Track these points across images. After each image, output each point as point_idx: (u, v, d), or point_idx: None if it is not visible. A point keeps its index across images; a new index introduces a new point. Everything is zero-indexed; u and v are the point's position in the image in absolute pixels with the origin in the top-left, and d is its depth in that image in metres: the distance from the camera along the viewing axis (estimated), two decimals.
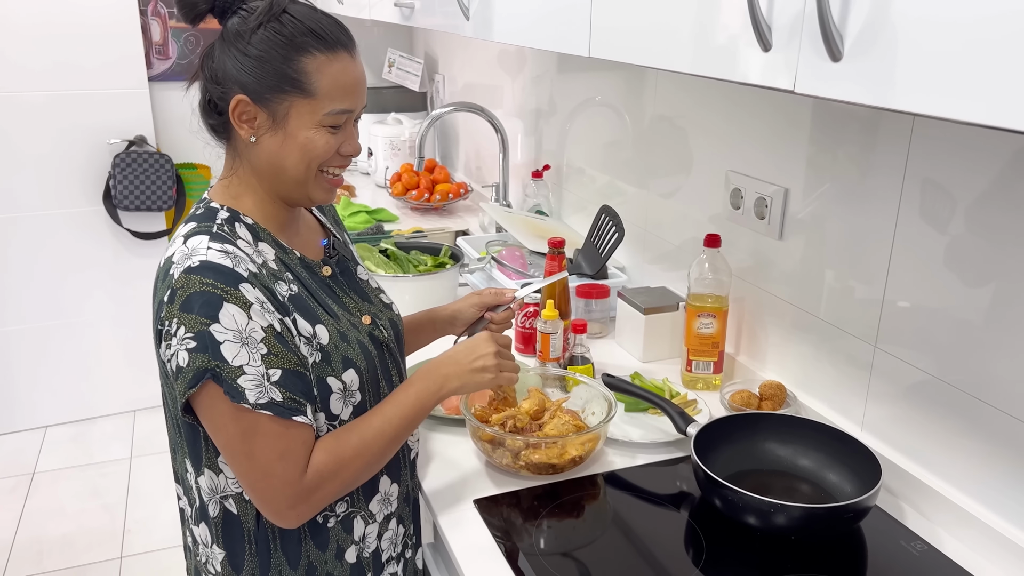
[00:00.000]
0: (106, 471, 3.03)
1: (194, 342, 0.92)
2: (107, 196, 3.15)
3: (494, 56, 2.69)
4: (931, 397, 1.17)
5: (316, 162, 1.02)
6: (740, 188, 1.52)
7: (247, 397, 0.93)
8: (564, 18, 1.27)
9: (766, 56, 0.84)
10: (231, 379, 0.92)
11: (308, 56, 0.97)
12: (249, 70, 0.97)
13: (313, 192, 1.04)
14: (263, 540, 1.04)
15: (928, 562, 1.08)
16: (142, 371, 3.40)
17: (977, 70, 0.63)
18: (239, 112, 0.99)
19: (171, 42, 3.21)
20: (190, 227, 1.01)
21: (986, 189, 1.05)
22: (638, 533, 1.14)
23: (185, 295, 0.93)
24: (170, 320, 0.94)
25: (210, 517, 1.04)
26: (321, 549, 1.07)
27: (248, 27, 0.97)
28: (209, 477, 1.03)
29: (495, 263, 1.93)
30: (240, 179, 1.05)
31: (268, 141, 1.00)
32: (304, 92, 0.98)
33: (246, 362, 0.93)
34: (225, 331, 0.92)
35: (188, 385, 0.93)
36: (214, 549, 1.06)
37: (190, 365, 0.92)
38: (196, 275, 0.93)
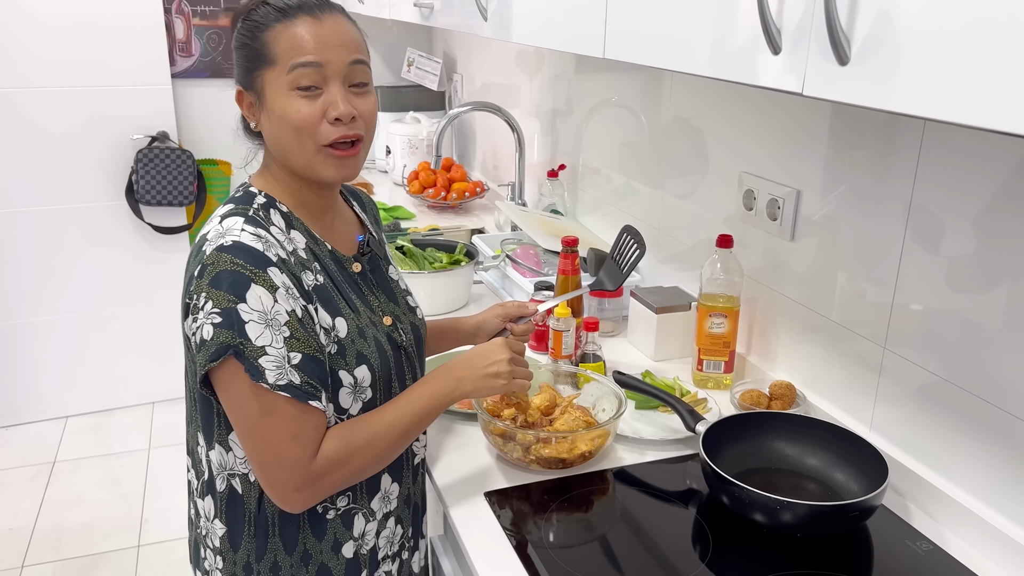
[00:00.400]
0: (125, 461, 3.07)
1: (220, 317, 0.95)
2: (129, 191, 3.20)
3: (512, 56, 2.71)
4: (940, 399, 1.18)
5: (303, 133, 1.01)
6: (753, 189, 1.53)
7: (267, 377, 0.95)
8: (580, 19, 1.29)
9: (776, 59, 0.86)
10: (253, 358, 0.95)
11: (269, 30, 1.01)
12: (236, 62, 1.06)
13: (320, 169, 1.04)
14: (262, 523, 1.06)
15: (933, 562, 1.09)
16: (161, 364, 3.45)
17: (980, 74, 0.64)
18: (243, 104, 1.08)
19: (194, 39, 3.26)
20: (228, 208, 1.05)
21: (995, 193, 1.06)
22: (646, 528, 1.16)
23: (215, 272, 0.96)
24: (198, 294, 0.97)
25: (216, 491, 1.07)
26: (318, 538, 1.09)
27: (235, 26, 1.06)
28: (219, 452, 1.06)
29: (509, 261, 1.95)
30: (272, 168, 1.10)
31: (264, 123, 1.06)
32: (268, 62, 1.01)
33: (268, 343, 0.96)
34: (251, 311, 0.95)
35: (210, 358, 0.95)
36: (215, 524, 1.08)
37: (213, 339, 0.95)
38: (227, 254, 0.96)
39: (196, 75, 3.30)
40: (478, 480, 1.26)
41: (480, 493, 1.22)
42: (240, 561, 1.08)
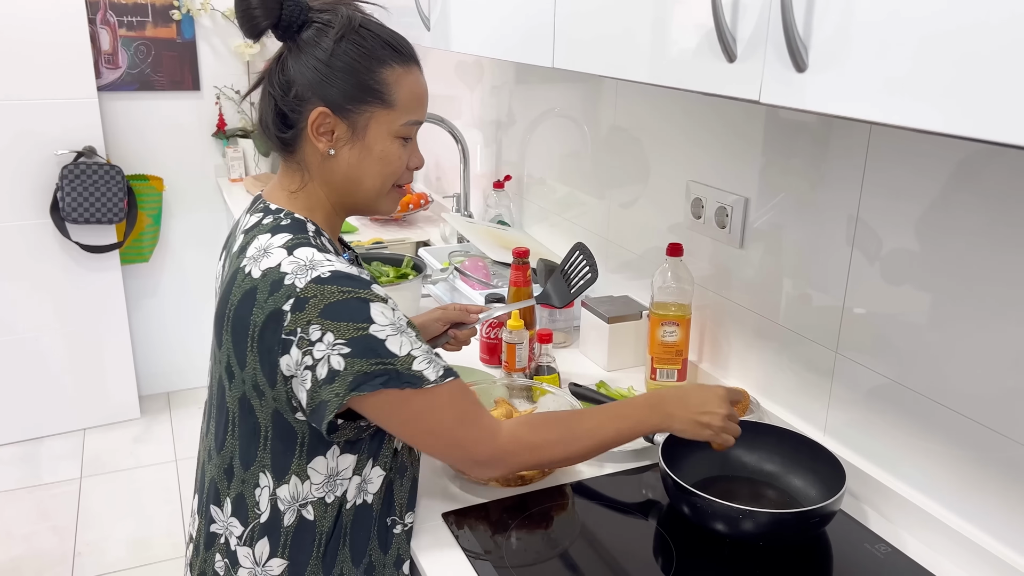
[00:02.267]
0: (55, 492, 2.93)
1: (349, 347, 0.93)
2: (55, 208, 3.06)
3: (452, 67, 2.69)
4: (891, 401, 1.19)
5: (394, 176, 1.06)
6: (701, 198, 1.53)
7: (428, 377, 0.96)
8: (528, 29, 1.27)
9: (731, 67, 0.86)
10: (407, 369, 0.95)
11: (388, 68, 1.00)
12: (332, 82, 0.99)
13: (383, 204, 1.08)
14: (336, 538, 1.05)
15: (892, 564, 1.10)
16: (92, 389, 3.31)
17: (941, 80, 0.65)
18: (317, 124, 1.00)
19: (121, 51, 3.15)
20: (285, 238, 0.99)
21: (934, 198, 1.08)
22: (608, 542, 1.14)
23: (323, 304, 0.93)
24: (304, 328, 0.93)
25: (281, 527, 1.03)
26: (383, 550, 1.08)
27: (328, 39, 0.99)
28: (294, 485, 1.02)
29: (458, 274, 1.93)
30: (310, 193, 1.06)
31: (346, 154, 1.02)
32: (384, 103, 1.01)
33: (411, 348, 0.96)
34: (383, 328, 0.94)
35: (350, 388, 0.94)
36: (271, 564, 1.04)
37: (349, 369, 0.93)
38: (331, 284, 0.94)
39: (124, 88, 3.18)
40: (435, 500, 1.22)
41: (437, 514, 1.19)
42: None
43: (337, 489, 1.03)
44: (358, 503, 1.05)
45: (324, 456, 1.02)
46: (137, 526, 2.74)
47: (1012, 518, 1.04)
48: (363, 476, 1.05)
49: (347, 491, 1.04)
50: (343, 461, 1.03)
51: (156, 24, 3.18)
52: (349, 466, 1.03)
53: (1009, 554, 1.04)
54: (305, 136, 1.02)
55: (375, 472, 1.06)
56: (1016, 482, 1.03)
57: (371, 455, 1.05)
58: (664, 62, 0.97)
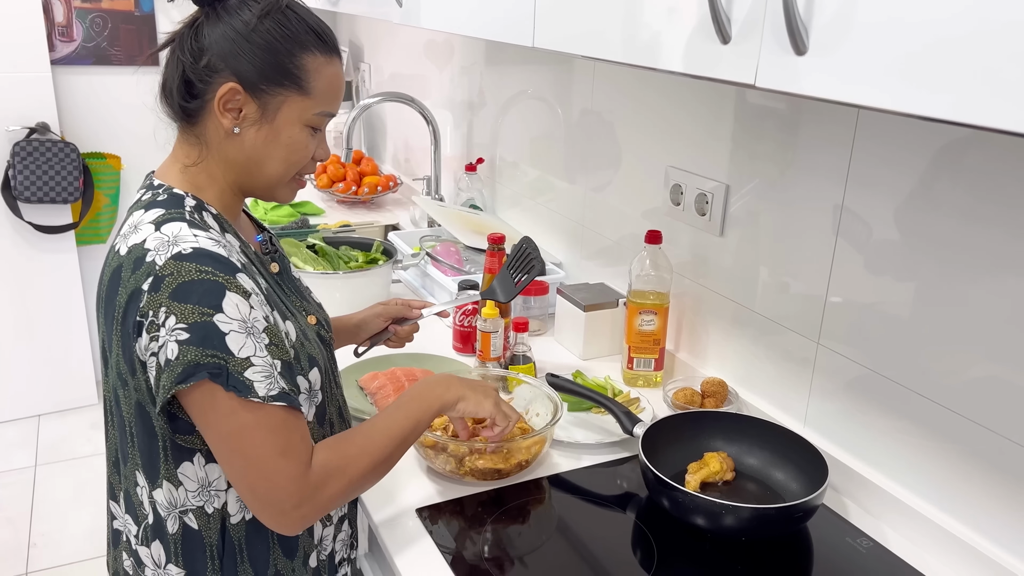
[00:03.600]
0: (8, 481, 2.83)
1: (187, 333, 0.85)
2: (6, 187, 2.94)
3: (421, 45, 2.62)
4: (871, 392, 1.18)
5: (297, 165, 1.00)
6: (680, 184, 1.50)
7: (256, 390, 0.87)
8: (507, 6, 1.22)
9: (725, 48, 0.82)
10: (238, 372, 0.87)
11: (309, 54, 0.96)
12: (249, 57, 0.93)
13: (281, 192, 1.03)
14: (229, 554, 0.98)
15: (874, 558, 1.09)
16: (48, 374, 3.20)
17: (948, 65, 0.62)
18: (225, 100, 0.94)
19: (76, 23, 3.02)
20: (157, 213, 0.93)
21: (915, 188, 1.06)
22: (585, 537, 1.11)
23: (176, 283, 0.86)
24: (155, 310, 0.86)
25: (167, 534, 0.97)
26: (289, 557, 1.02)
27: (252, 13, 0.93)
28: (168, 491, 0.95)
29: (430, 259, 1.88)
30: (204, 169, 0.99)
31: (251, 134, 0.96)
32: (300, 89, 0.96)
33: (252, 353, 0.88)
34: (230, 321, 0.87)
35: (177, 380, 0.86)
36: (170, 569, 0.98)
37: (180, 358, 0.85)
38: (190, 262, 0.87)
39: (79, 62, 3.06)
40: (408, 496, 1.18)
41: (411, 510, 1.15)
42: None
43: (214, 500, 0.96)
44: (247, 517, 0.98)
45: (191, 463, 0.95)
46: (95, 516, 2.66)
47: (992, 511, 1.03)
48: None
49: (226, 504, 0.97)
50: (212, 471, 0.95)
51: None
52: (221, 476, 0.96)
53: (989, 547, 1.03)
54: (209, 109, 0.95)
55: None
56: (996, 473, 1.02)
57: None
58: (652, 43, 0.93)
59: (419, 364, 1.53)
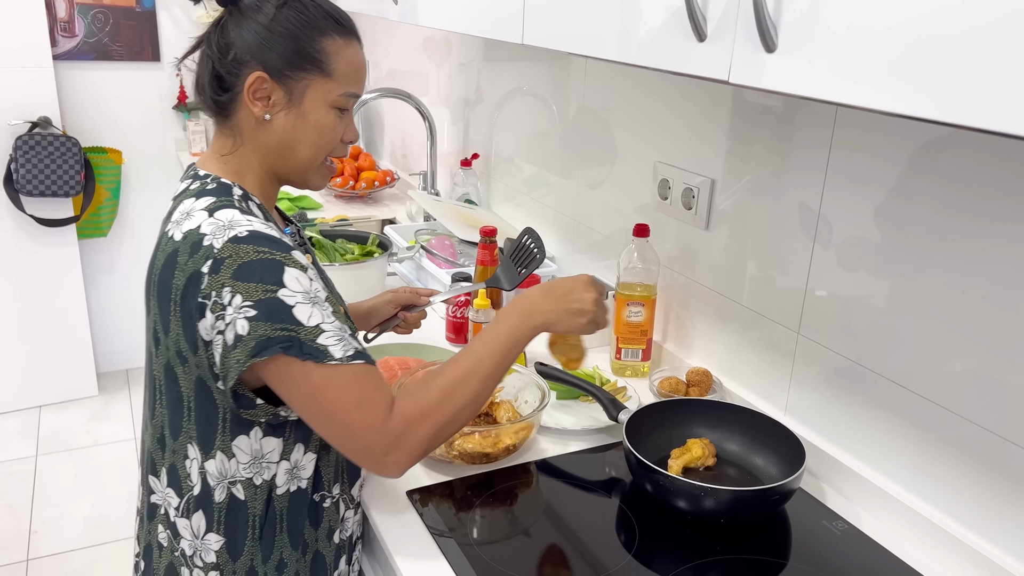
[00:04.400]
0: (10, 470, 2.87)
1: (254, 310, 0.90)
2: (8, 180, 2.98)
3: (419, 43, 2.65)
4: (850, 382, 1.22)
5: (328, 147, 1.05)
6: (668, 179, 1.54)
7: (332, 354, 0.92)
8: (497, 4, 1.26)
9: (701, 46, 0.85)
10: (310, 340, 0.92)
11: (328, 38, 1.01)
12: (272, 46, 0.99)
13: (313, 177, 1.07)
14: (270, 523, 1.03)
15: (849, 540, 1.13)
16: (48, 366, 3.24)
17: (907, 63, 0.65)
18: (254, 89, 1.00)
19: (78, 19, 3.06)
20: (208, 200, 0.99)
21: (893, 184, 1.10)
22: (572, 520, 1.15)
23: (236, 264, 0.91)
24: (217, 290, 0.91)
25: (213, 503, 1.01)
26: (315, 527, 1.07)
27: (271, 5, 0.99)
28: (220, 461, 1.00)
29: (424, 252, 1.91)
30: (240, 158, 1.05)
31: (281, 120, 1.02)
32: (323, 71, 1.01)
33: (321, 320, 0.93)
34: (293, 294, 0.92)
35: (251, 353, 0.91)
36: (209, 538, 1.02)
37: (252, 334, 0.90)
38: (247, 244, 0.92)
39: (81, 57, 3.10)
40: (399, 479, 1.22)
41: (401, 492, 1.19)
42: (242, 568, 1.03)
43: (264, 472, 1.02)
44: (292, 490, 1.04)
45: (247, 436, 1.00)
46: (95, 505, 2.70)
47: (963, 495, 1.07)
48: (293, 463, 1.04)
49: (276, 476, 1.02)
50: (267, 444, 1.01)
51: None
52: (275, 450, 1.02)
53: (959, 529, 1.07)
54: (241, 100, 1.01)
55: (308, 458, 1.05)
56: (966, 460, 1.05)
57: (299, 440, 1.03)
58: (634, 40, 0.97)
59: (412, 353, 1.56)
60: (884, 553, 1.10)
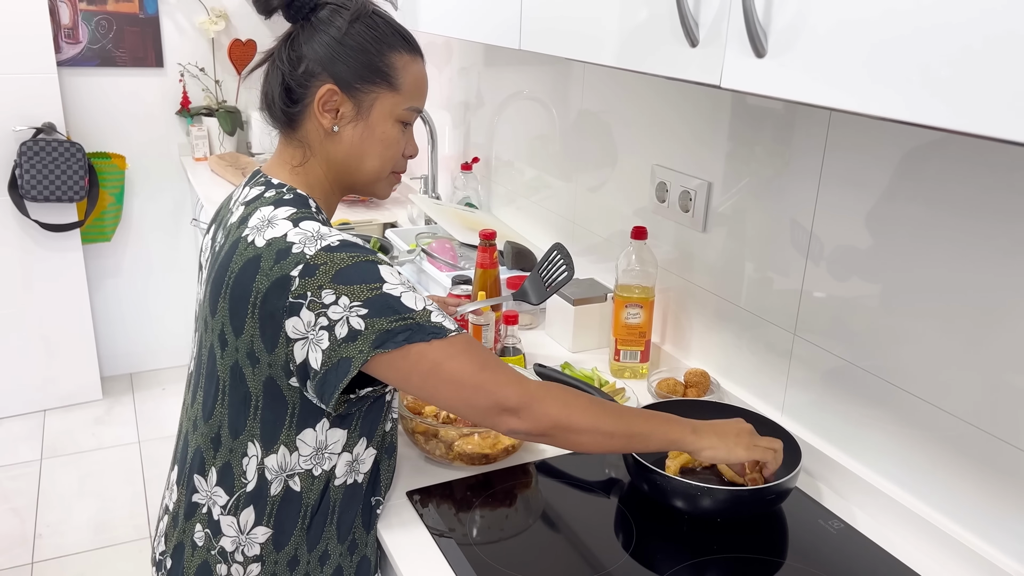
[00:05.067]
0: (14, 474, 2.89)
1: (366, 308, 0.94)
2: (13, 186, 3.00)
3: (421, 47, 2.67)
4: (846, 382, 1.23)
5: (392, 160, 1.08)
6: (665, 182, 1.55)
7: (448, 327, 0.97)
8: (494, 9, 1.28)
9: (694, 51, 0.87)
10: (427, 321, 0.96)
11: (397, 53, 1.05)
12: (343, 59, 1.02)
13: (380, 187, 1.12)
14: (321, 514, 1.06)
15: (844, 539, 1.14)
16: (53, 370, 3.26)
17: (892, 67, 0.66)
18: (324, 101, 1.03)
19: (81, 25, 3.08)
20: (290, 211, 1.01)
21: (887, 186, 1.11)
22: (570, 520, 1.16)
23: (335, 269, 0.95)
24: (315, 291, 0.94)
25: (267, 496, 1.04)
26: (367, 529, 1.10)
27: (343, 19, 1.02)
28: (282, 455, 1.03)
29: (425, 255, 1.93)
30: (310, 170, 1.08)
31: (349, 132, 1.05)
32: (391, 86, 1.05)
33: (425, 303, 0.98)
34: (395, 286, 0.96)
35: (374, 344, 0.94)
36: (256, 532, 1.04)
37: (371, 328, 0.94)
38: (340, 252, 0.96)
39: (85, 63, 3.12)
40: (400, 479, 1.23)
41: (402, 492, 1.20)
42: (285, 558, 1.05)
43: (324, 463, 1.04)
44: (349, 482, 1.07)
45: (313, 429, 1.03)
46: (99, 508, 2.72)
47: (959, 494, 1.08)
48: (354, 455, 1.06)
49: (335, 467, 1.05)
50: (332, 435, 1.04)
51: None
52: (338, 441, 1.04)
53: (954, 528, 1.08)
54: (310, 112, 1.04)
55: (368, 452, 1.08)
56: (961, 458, 1.06)
57: (364, 434, 1.06)
58: (628, 46, 0.98)
59: None
60: (880, 552, 1.11)
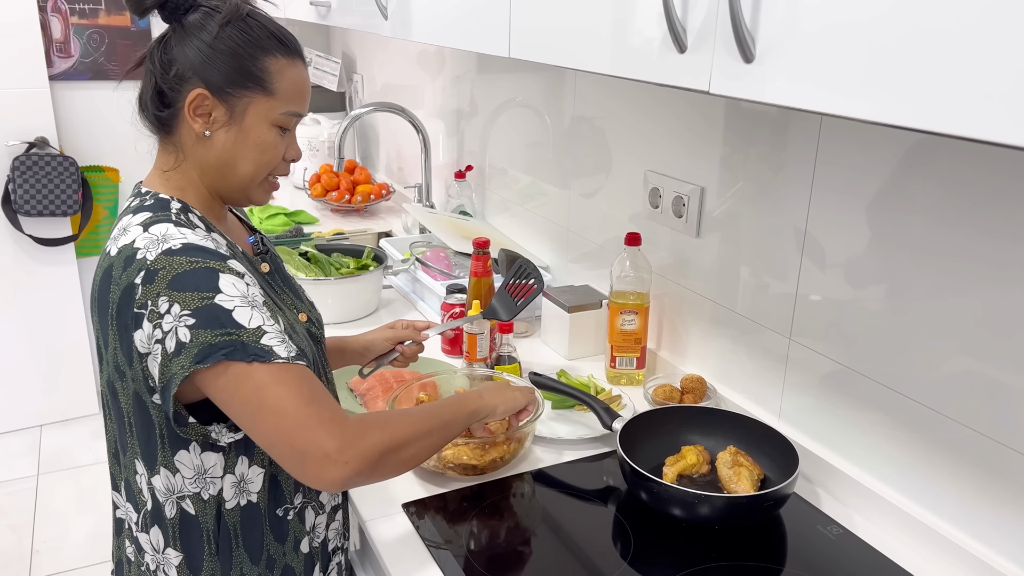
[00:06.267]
0: (11, 490, 2.87)
1: (193, 318, 0.90)
2: (6, 201, 2.99)
3: (413, 56, 2.67)
4: (843, 386, 1.22)
5: (268, 165, 1.05)
6: (658, 187, 1.55)
7: (278, 353, 0.92)
8: (484, 18, 1.27)
9: (682, 57, 0.86)
10: (254, 341, 0.91)
11: (271, 57, 1.01)
12: (214, 64, 0.99)
13: (255, 193, 1.08)
14: (225, 538, 1.03)
15: (844, 545, 1.13)
16: (49, 384, 3.24)
17: (880, 71, 0.66)
18: (195, 105, 1.00)
19: (73, 39, 3.08)
20: (144, 216, 0.99)
21: (880, 190, 1.10)
22: (567, 529, 1.15)
23: (171, 275, 0.91)
24: (153, 300, 0.91)
25: (166, 519, 1.02)
26: (280, 542, 1.07)
27: (214, 23, 0.99)
28: (165, 477, 1.00)
29: (420, 264, 1.92)
30: (182, 173, 1.05)
31: (222, 136, 1.02)
32: (265, 90, 1.01)
33: (262, 322, 0.93)
34: (231, 298, 0.92)
35: (195, 359, 0.90)
36: (168, 553, 1.03)
37: (194, 341, 0.90)
38: (180, 255, 0.93)
39: (76, 77, 3.12)
40: (394, 491, 1.22)
41: (397, 504, 1.19)
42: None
43: (210, 487, 1.01)
44: (242, 504, 1.03)
45: (187, 451, 0.99)
46: (96, 523, 2.70)
47: (957, 498, 1.07)
48: (239, 476, 1.02)
49: (222, 491, 1.01)
50: (208, 459, 1.00)
51: (109, 12, 3.11)
52: (216, 464, 1.00)
53: (954, 532, 1.07)
54: (182, 116, 1.01)
55: (253, 471, 1.03)
56: (959, 463, 1.06)
57: (242, 454, 1.02)
58: (617, 52, 0.98)
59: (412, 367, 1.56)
60: (879, 557, 1.10)
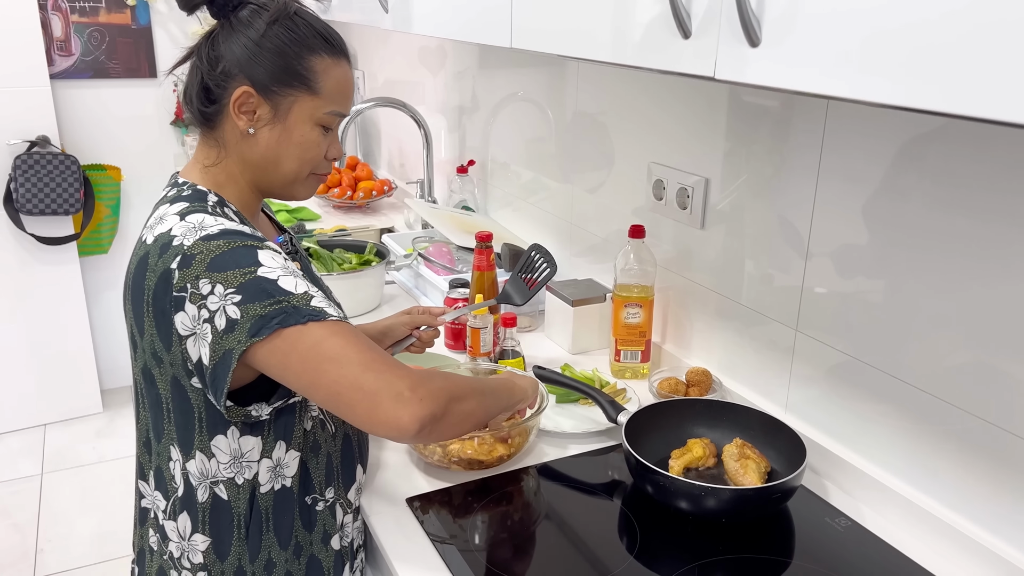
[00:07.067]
0: (15, 489, 2.87)
1: (240, 295, 0.91)
2: (8, 200, 2.99)
3: (415, 51, 2.66)
4: (850, 377, 1.21)
5: (311, 163, 1.06)
6: (662, 179, 1.54)
7: (329, 313, 0.93)
8: (485, 8, 1.26)
9: (687, 43, 0.85)
10: (304, 304, 0.92)
11: (317, 56, 1.02)
12: (260, 62, 1.00)
13: (298, 189, 1.09)
14: (256, 522, 1.03)
15: (852, 537, 1.12)
16: (53, 384, 3.24)
17: (888, 53, 0.65)
18: (240, 103, 1.01)
19: (74, 38, 3.07)
20: (182, 206, 1.00)
21: (885, 179, 1.09)
22: (573, 523, 1.14)
23: (209, 257, 0.92)
24: (192, 282, 0.92)
25: (196, 504, 1.02)
26: (308, 530, 1.07)
27: (262, 21, 1.00)
28: (200, 461, 1.01)
29: (422, 260, 1.91)
30: (223, 169, 1.06)
31: (265, 134, 1.03)
32: (309, 89, 1.02)
33: (307, 288, 0.94)
34: (273, 269, 0.93)
35: (250, 333, 0.90)
36: (195, 539, 1.03)
37: (246, 316, 0.90)
38: (216, 239, 0.93)
39: (78, 76, 3.11)
40: (398, 485, 1.22)
41: (401, 499, 1.18)
42: (230, 568, 1.04)
43: (245, 471, 1.02)
44: (276, 488, 1.04)
45: (225, 436, 1.00)
46: (101, 521, 2.70)
47: (967, 489, 1.06)
48: (276, 460, 1.03)
49: (258, 475, 1.02)
50: (246, 443, 1.01)
51: (110, 10, 3.11)
52: (254, 448, 1.02)
53: (963, 523, 1.06)
54: (226, 112, 1.02)
55: (291, 455, 1.04)
56: (968, 452, 1.05)
57: (280, 438, 1.03)
58: (620, 40, 0.96)
59: (412, 361, 1.56)
60: (888, 549, 1.09)
